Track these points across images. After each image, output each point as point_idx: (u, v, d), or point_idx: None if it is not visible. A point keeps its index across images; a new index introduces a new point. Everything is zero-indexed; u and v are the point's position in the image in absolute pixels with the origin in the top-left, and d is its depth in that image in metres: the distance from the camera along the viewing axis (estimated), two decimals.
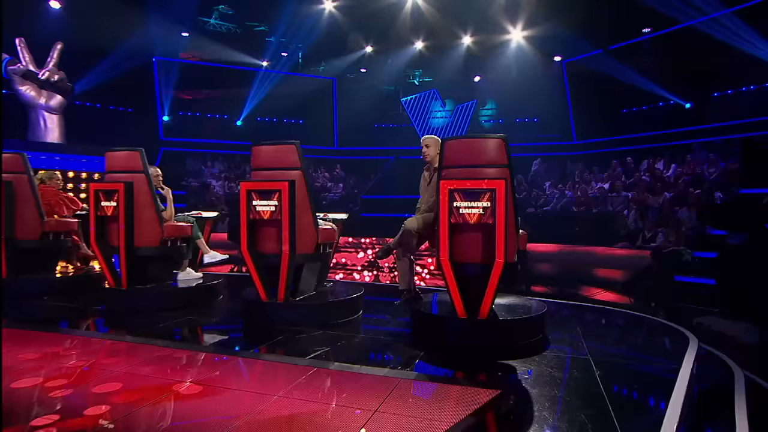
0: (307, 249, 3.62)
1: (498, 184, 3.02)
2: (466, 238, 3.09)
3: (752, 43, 8.14)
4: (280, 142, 3.65)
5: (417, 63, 13.70)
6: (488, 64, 13.12)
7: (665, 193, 8.18)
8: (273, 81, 13.44)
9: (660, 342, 3.50)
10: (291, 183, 3.49)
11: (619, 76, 10.51)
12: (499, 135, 3.19)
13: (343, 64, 13.92)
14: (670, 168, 9.16)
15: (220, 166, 12.70)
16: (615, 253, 7.33)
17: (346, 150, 14.33)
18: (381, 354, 2.97)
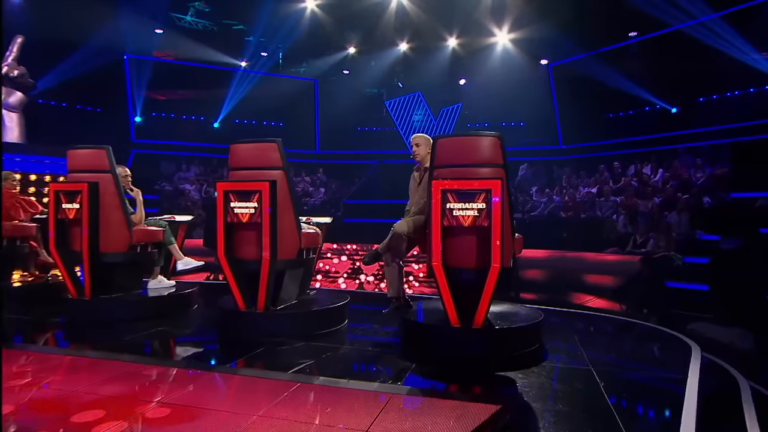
0: (289, 254, 3.48)
1: (494, 185, 2.94)
2: (459, 241, 3.00)
3: (739, 48, 8.33)
4: (261, 140, 3.52)
5: (401, 65, 13.64)
6: (474, 67, 13.11)
7: (654, 198, 8.25)
8: (252, 82, 13.24)
9: (661, 351, 3.45)
10: (272, 183, 3.34)
11: (606, 80, 10.65)
12: (494, 133, 3.11)
13: (325, 65, 13.82)
14: (657, 173, 9.29)
15: (196, 169, 12.40)
16: (605, 258, 7.36)
17: (329, 154, 14.23)
18: (369, 367, 2.83)
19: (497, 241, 2.90)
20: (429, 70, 13.34)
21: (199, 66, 12.47)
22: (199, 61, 12.40)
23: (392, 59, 13.53)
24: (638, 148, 10.25)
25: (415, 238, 3.42)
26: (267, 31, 12.18)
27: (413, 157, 3.61)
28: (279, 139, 3.50)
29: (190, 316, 4.04)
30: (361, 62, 13.76)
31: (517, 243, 3.27)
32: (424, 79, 13.54)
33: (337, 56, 13.58)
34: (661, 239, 6.95)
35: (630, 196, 8.62)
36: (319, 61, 13.69)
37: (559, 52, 11.77)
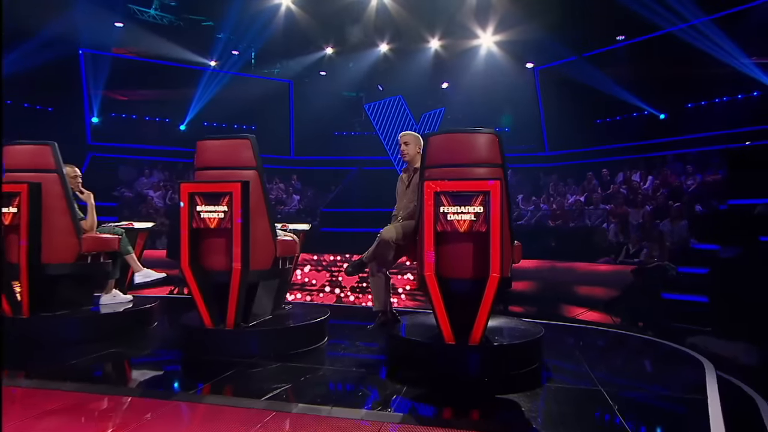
0: (262, 264, 3.27)
1: (492, 186, 2.80)
2: (454, 249, 2.86)
3: (728, 52, 8.52)
4: (232, 136, 3.32)
5: (381, 67, 13.55)
6: (457, 70, 13.13)
7: (645, 206, 8.32)
8: (222, 82, 12.91)
9: (672, 367, 3.34)
10: (244, 185, 3.12)
11: (593, 84, 10.78)
12: (491, 130, 3.00)
13: (300, 65, 13.61)
14: (647, 180, 9.38)
15: (160, 175, 11.95)
16: (598, 269, 7.33)
17: (304, 159, 14.07)
18: (354, 390, 2.63)
19: (497, 249, 2.76)
20: (410, 72, 13.28)
21: (163, 64, 12.06)
22: (164, 59, 11.99)
23: (372, 61, 13.42)
24: (626, 155, 10.34)
25: (403, 245, 3.26)
26: (238, 28, 11.90)
27: (401, 157, 3.49)
28: (252, 136, 3.32)
29: (149, 335, 3.78)
30: (339, 63, 13.61)
31: (516, 251, 3.13)
32: (405, 82, 13.44)
33: (314, 56, 13.41)
34: (654, 249, 6.96)
35: (619, 204, 8.66)
36: (294, 62, 13.51)
37: (546, 55, 11.86)
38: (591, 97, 10.93)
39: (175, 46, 11.65)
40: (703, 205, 7.58)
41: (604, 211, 8.93)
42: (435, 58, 13.15)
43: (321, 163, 13.86)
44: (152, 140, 12.35)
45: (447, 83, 13.90)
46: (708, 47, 8.62)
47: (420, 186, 2.93)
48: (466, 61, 12.93)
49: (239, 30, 11.95)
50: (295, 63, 13.52)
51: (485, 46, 12.56)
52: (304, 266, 8.39)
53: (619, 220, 8.20)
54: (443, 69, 13.38)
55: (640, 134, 10.40)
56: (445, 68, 13.36)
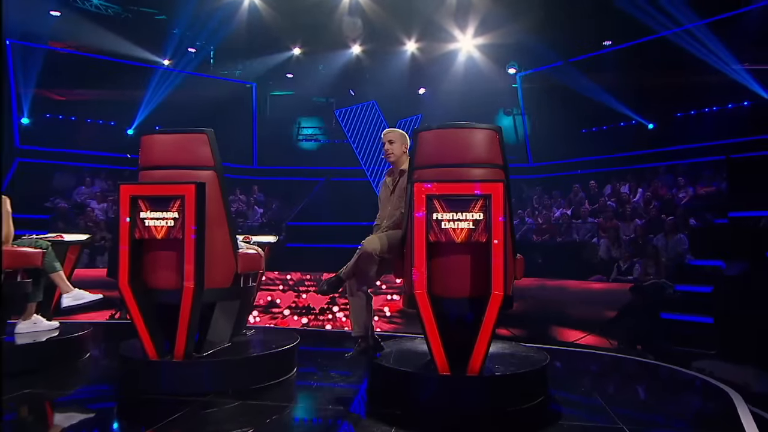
0: (220, 282, 2.99)
1: (494, 189, 2.63)
2: (450, 263, 2.67)
3: (719, 57, 8.73)
4: (185, 130, 3.05)
5: (353, 70, 13.43)
6: (435, 75, 13.12)
7: (636, 220, 8.32)
8: (176, 82, 12.45)
9: (696, 399, 3.18)
10: (199, 187, 2.83)
11: (579, 92, 10.91)
12: (491, 125, 2.83)
13: (265, 66, 13.35)
14: (636, 193, 9.46)
15: (103, 184, 11.31)
16: (590, 287, 7.24)
17: (267, 169, 13.77)
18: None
19: (499, 262, 2.57)
20: (385, 76, 13.21)
21: (109, 60, 11.49)
22: (109, 55, 11.43)
23: (343, 63, 13.28)
24: (614, 166, 10.44)
25: (389, 259, 3.01)
26: (195, 23, 11.54)
27: (386, 157, 3.26)
28: (210, 130, 3.06)
29: (78, 369, 3.39)
30: (308, 65, 13.45)
31: (518, 265, 2.94)
32: (379, 86, 13.37)
33: (280, 57, 13.18)
34: (648, 265, 6.91)
35: (609, 217, 8.65)
36: (258, 62, 13.25)
37: (529, 60, 11.97)
38: (577, 105, 11.05)
39: (123, 40, 11.14)
40: (697, 218, 7.62)
41: (593, 225, 8.91)
42: (411, 61, 13.10)
43: (287, 173, 13.60)
44: (94, 145, 11.70)
45: (424, 89, 13.85)
46: (699, 53, 8.83)
47: (409, 189, 2.73)
48: (445, 65, 12.93)
49: (196, 25, 11.60)
50: (258, 63, 13.27)
51: (465, 50, 12.60)
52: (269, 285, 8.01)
53: (610, 234, 8.15)
54: (420, 73, 13.32)
55: (628, 144, 10.53)
56: (422, 73, 13.30)
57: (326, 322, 6.42)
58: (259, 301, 7.29)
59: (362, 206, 11.93)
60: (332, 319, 6.58)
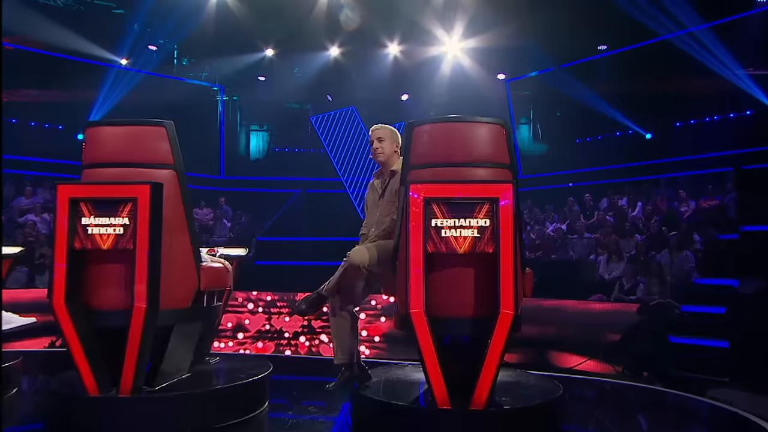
0: (179, 301, 2.76)
1: (503, 191, 2.48)
2: (451, 277, 2.51)
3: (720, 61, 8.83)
4: (140, 121, 2.84)
5: (331, 74, 13.32)
6: (418, 80, 13.10)
7: (636, 235, 8.28)
8: (134, 83, 12.12)
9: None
10: (155, 188, 2.62)
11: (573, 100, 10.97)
12: (497, 119, 2.70)
13: (234, 68, 13.19)
14: (635, 206, 9.44)
15: (47, 195, 10.79)
16: (590, 308, 7.15)
17: (236, 180, 13.56)
18: None
19: (509, 276, 2.41)
20: (365, 81, 13.16)
21: (57, 57, 11.07)
22: (57, 51, 11.02)
23: (320, 66, 13.18)
24: (610, 178, 10.47)
25: (378, 273, 2.84)
26: (157, 19, 11.26)
27: (374, 157, 3.12)
28: (169, 122, 2.86)
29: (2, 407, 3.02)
30: (282, 68, 13.36)
31: (527, 280, 2.78)
32: (359, 91, 13.33)
33: (251, 58, 13.01)
34: (653, 284, 6.86)
35: (608, 233, 8.59)
36: (226, 63, 13.05)
37: (519, 65, 12.02)
38: (570, 114, 11.12)
39: (74, 35, 10.76)
40: (701, 234, 7.59)
41: (591, 240, 8.85)
42: (394, 65, 13.06)
43: (257, 184, 13.39)
44: (38, 151, 11.20)
45: (407, 95, 13.83)
46: (700, 58, 8.93)
47: (403, 191, 2.56)
48: (429, 70, 12.89)
49: (158, 21, 11.31)
50: (227, 64, 13.09)
51: (451, 54, 12.59)
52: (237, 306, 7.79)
53: (609, 251, 8.08)
54: (403, 78, 13.28)
55: (625, 155, 10.60)
56: (405, 77, 13.26)
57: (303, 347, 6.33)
58: (226, 324, 7.15)
59: (341, 220, 11.69)
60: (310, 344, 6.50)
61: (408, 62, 13.05)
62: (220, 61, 13.03)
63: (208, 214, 12.02)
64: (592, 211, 9.95)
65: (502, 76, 12.73)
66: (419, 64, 12.96)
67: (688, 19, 8.84)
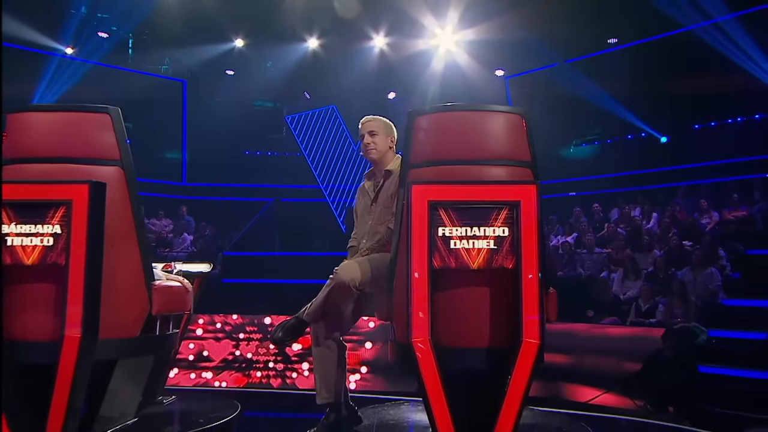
0: (124, 329, 2.56)
1: (525, 193, 2.32)
2: (462, 298, 2.36)
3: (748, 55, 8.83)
4: (78, 107, 2.64)
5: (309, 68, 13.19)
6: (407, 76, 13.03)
7: (654, 250, 8.25)
8: (80, 75, 11.83)
9: None
10: (95, 188, 2.46)
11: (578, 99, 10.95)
12: (514, 108, 2.58)
13: (198, 60, 13.06)
14: (650, 217, 9.42)
15: None
16: (604, 332, 7.03)
17: (200, 187, 13.45)
18: None
19: (533, 297, 2.25)
20: (347, 77, 13.08)
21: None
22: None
23: (297, 59, 13.06)
24: (621, 186, 10.45)
25: (371, 293, 2.72)
26: (107, 1, 11.10)
27: (365, 154, 3.02)
28: (115, 109, 2.65)
29: None
30: (253, 61, 13.19)
31: (550, 302, 2.60)
32: (340, 88, 13.30)
33: (218, 49, 12.86)
34: (674, 305, 6.76)
35: (621, 247, 8.55)
36: (190, 54, 12.90)
37: (520, 60, 11.98)
38: (576, 115, 11.09)
39: (9, 19, 10.46)
40: (726, 248, 7.57)
41: (602, 256, 8.78)
42: (379, 59, 12.97)
43: (224, 191, 13.31)
44: None
45: (394, 93, 13.80)
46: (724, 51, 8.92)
47: (404, 194, 2.41)
48: (419, 65, 12.85)
49: (109, 3, 11.14)
50: (191, 56, 12.94)
51: (444, 48, 12.55)
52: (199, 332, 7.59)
53: (624, 267, 8.03)
54: (390, 74, 13.22)
55: (638, 161, 10.61)
56: (392, 73, 13.20)
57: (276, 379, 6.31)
58: (185, 352, 7.03)
59: (319, 233, 11.84)
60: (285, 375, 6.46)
61: (395, 56, 12.97)
62: (182, 52, 12.87)
63: (167, 225, 11.87)
64: (601, 222, 9.91)
65: (501, 72, 12.72)
66: (408, 58, 12.91)
67: (711, 7, 8.85)
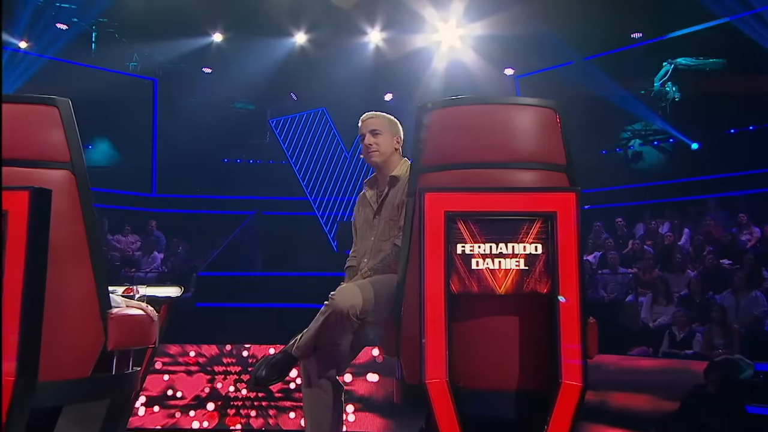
0: (71, 368, 2.39)
1: (562, 203, 2.19)
2: (486, 330, 2.24)
3: None
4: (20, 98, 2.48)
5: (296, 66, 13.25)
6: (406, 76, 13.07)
7: (687, 270, 8.22)
8: (32, 71, 11.85)
9: None
10: (37, 195, 2.24)
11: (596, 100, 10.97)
12: (547, 101, 2.46)
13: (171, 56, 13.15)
14: (682, 233, 9.41)
15: None
16: (634, 365, 6.96)
17: (172, 199, 13.47)
18: None
19: (575, 329, 2.12)
20: (339, 76, 13.10)
21: None
22: None
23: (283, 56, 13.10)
24: (647, 198, 10.52)
25: (374, 322, 2.60)
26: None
27: (366, 157, 2.97)
28: (65, 100, 2.49)
29: None
30: (233, 57, 13.23)
31: (590, 334, 2.45)
32: (331, 89, 13.34)
33: (193, 45, 12.90)
34: (715, 334, 6.70)
35: (649, 267, 8.52)
36: (161, 50, 12.97)
37: (532, 58, 12.01)
38: (595, 118, 11.10)
39: None
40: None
41: (627, 276, 8.78)
42: (375, 56, 13.01)
43: (200, 204, 13.31)
44: None
45: (391, 94, 13.83)
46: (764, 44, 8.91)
47: (412, 204, 2.31)
48: (419, 63, 12.88)
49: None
50: (163, 52, 13.01)
51: (447, 44, 12.58)
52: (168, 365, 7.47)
53: (653, 290, 7.96)
54: (386, 73, 13.26)
55: (666, 170, 10.79)
56: (388, 72, 13.24)
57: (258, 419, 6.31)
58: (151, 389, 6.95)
59: (307, 251, 11.77)
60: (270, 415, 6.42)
61: (393, 53, 13.00)
62: (152, 47, 12.89)
63: (133, 242, 11.86)
64: (625, 239, 9.90)
65: (511, 71, 12.80)
66: (407, 55, 12.95)
67: None
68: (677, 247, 9.04)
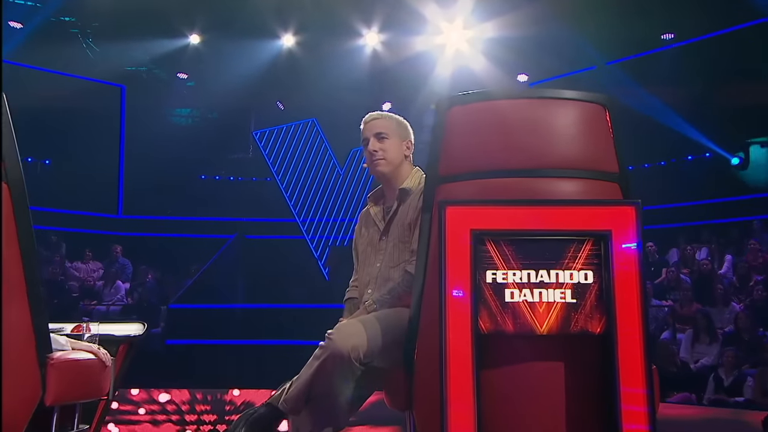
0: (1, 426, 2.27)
1: (617, 218, 2.08)
2: (523, 378, 2.14)
3: None
4: None
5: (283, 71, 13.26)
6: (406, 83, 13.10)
7: (732, 303, 8.09)
8: None
9: None
10: None
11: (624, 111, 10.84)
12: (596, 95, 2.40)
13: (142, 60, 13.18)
14: (723, 260, 9.33)
15: None
16: (675, 414, 6.78)
17: (140, 221, 13.47)
18: None
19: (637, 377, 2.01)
20: (331, 83, 13.10)
21: None
22: None
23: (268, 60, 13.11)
24: (682, 220, 10.51)
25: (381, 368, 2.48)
26: None
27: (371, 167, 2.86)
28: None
29: None
30: (212, 61, 13.25)
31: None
32: (322, 97, 13.38)
33: (167, 47, 12.88)
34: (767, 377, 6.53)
35: (688, 300, 8.40)
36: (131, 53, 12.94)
37: (548, 63, 12.03)
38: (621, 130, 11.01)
39: None
40: None
41: (662, 310, 8.68)
42: (372, 61, 13.06)
43: (173, 226, 13.26)
44: None
45: (390, 103, 13.68)
46: None
47: (431, 221, 2.22)
48: (422, 68, 12.87)
49: None
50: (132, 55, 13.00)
51: (452, 47, 12.61)
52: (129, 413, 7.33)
53: (694, 327, 7.81)
54: (384, 79, 13.34)
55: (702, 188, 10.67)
56: (387, 78, 13.31)
57: None
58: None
59: (294, 279, 11.89)
60: None
61: (391, 57, 13.05)
62: (120, 50, 12.80)
63: (95, 270, 11.83)
64: (657, 266, 9.76)
65: (524, 77, 12.83)
66: (407, 60, 12.97)
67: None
68: (717, 276, 8.95)
